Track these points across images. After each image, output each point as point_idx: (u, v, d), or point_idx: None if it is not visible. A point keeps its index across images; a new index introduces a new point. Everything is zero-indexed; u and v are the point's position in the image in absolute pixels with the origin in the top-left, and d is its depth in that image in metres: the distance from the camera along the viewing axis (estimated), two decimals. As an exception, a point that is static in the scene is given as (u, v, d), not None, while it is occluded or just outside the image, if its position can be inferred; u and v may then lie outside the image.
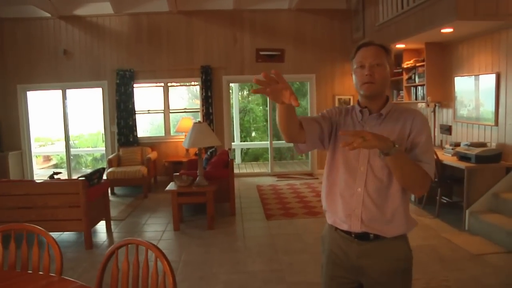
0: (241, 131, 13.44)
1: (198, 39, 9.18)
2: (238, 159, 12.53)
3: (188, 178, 5.81)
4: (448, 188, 6.36)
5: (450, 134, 6.79)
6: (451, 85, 6.69)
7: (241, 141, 12.93)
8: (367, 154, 1.89)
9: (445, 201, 6.17)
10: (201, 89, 9.17)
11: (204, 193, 5.64)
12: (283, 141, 13.24)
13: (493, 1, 5.02)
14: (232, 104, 12.47)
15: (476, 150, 5.39)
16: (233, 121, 12.35)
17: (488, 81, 5.80)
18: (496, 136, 5.71)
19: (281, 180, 8.98)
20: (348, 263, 1.96)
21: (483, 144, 5.66)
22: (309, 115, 9.44)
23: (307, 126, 1.90)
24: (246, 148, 13.50)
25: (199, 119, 9.30)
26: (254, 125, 13.98)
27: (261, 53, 9.19)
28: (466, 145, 5.69)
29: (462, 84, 6.40)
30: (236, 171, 10.30)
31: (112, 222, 5.96)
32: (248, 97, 14.25)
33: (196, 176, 5.86)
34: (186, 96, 12.57)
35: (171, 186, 5.80)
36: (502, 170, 5.46)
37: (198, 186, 5.74)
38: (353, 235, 1.93)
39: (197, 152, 5.80)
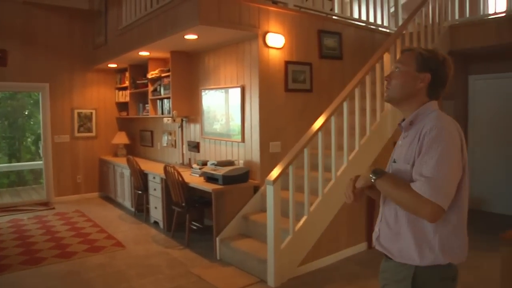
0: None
1: None
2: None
3: None
4: (199, 213, 5.77)
5: (199, 151, 6.24)
6: (199, 98, 6.16)
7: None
8: (389, 166, 1.82)
9: (195, 227, 5.53)
10: None
11: None
12: (24, 163, 11.17)
13: (236, 10, 4.75)
14: None
15: (223, 170, 4.88)
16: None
17: (234, 94, 5.42)
18: (244, 153, 5.34)
19: (4, 215, 7.07)
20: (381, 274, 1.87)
21: (230, 163, 5.21)
22: (41, 132, 7.88)
23: None
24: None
25: None
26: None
27: (-26, 53, 7.18)
28: (213, 164, 5.14)
29: (211, 98, 5.91)
30: None
31: None
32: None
33: None
34: None
35: None
36: (250, 190, 5.09)
37: None
38: None
39: None
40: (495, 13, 6.12)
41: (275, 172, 4.01)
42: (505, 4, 5.87)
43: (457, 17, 6.35)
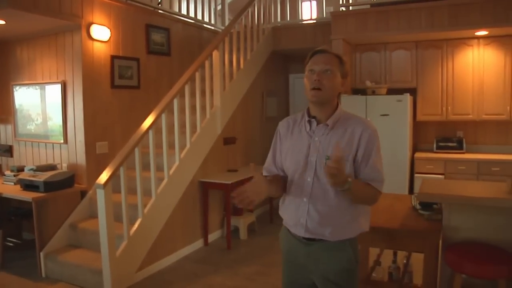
0: None
1: None
2: None
3: None
4: (16, 226, 5.08)
5: (12, 156, 5.47)
6: (10, 95, 5.41)
7: None
8: (314, 164, 1.94)
9: (12, 244, 4.86)
10: None
11: None
12: None
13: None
14: None
15: (44, 176, 4.35)
16: None
17: (54, 91, 4.88)
18: (67, 156, 4.86)
19: None
20: (298, 261, 2.05)
21: (52, 167, 4.68)
22: None
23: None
24: None
25: None
26: None
27: None
28: (32, 169, 4.56)
29: (25, 94, 5.23)
30: None
31: None
32: None
33: None
34: None
35: None
36: (76, 196, 4.64)
37: None
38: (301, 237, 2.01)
39: None
40: (310, 19, 6.77)
41: (105, 175, 3.72)
42: (316, 12, 6.53)
43: (279, 20, 6.79)
